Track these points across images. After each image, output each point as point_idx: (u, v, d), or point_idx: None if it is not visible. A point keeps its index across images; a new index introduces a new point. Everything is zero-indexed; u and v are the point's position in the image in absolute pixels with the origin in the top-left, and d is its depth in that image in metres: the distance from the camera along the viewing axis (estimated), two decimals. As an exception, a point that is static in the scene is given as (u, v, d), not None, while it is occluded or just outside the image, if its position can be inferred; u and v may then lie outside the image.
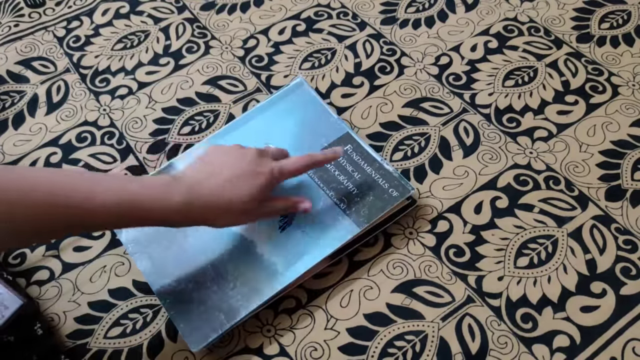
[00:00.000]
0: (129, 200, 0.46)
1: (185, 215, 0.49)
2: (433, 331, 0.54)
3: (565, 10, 0.80)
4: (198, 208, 0.49)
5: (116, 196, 0.45)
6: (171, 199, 0.47)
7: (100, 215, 0.45)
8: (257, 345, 0.54)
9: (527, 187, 0.63)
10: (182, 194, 0.48)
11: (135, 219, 0.48)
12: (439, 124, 0.69)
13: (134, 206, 0.46)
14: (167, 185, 0.48)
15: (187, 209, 0.48)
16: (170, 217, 0.48)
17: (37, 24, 0.82)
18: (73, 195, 0.44)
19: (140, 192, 0.47)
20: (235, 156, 0.53)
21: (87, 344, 0.55)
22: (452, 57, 0.75)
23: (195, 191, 0.49)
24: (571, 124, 0.68)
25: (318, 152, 0.61)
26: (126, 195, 0.46)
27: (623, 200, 0.62)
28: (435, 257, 0.59)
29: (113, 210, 0.46)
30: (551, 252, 0.59)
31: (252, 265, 0.56)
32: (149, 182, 0.48)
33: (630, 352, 0.53)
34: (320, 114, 0.66)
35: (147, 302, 0.57)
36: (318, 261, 0.56)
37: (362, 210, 0.58)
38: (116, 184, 0.46)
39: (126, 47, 0.78)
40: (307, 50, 0.77)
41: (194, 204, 0.48)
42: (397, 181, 0.60)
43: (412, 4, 0.82)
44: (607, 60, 0.74)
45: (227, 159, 0.52)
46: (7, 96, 0.74)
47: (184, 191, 0.48)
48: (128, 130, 0.70)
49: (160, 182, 0.48)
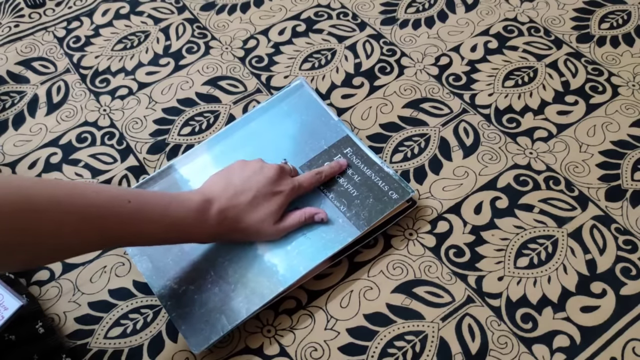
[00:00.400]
0: (172, 223, 0.50)
1: (215, 235, 0.54)
2: (433, 331, 0.54)
3: (565, 10, 0.80)
4: (225, 230, 0.54)
5: (160, 220, 0.49)
6: (206, 223, 0.52)
7: (146, 238, 0.50)
8: (257, 345, 0.54)
9: (527, 187, 0.63)
10: (214, 217, 0.52)
11: (173, 239, 0.53)
12: (439, 124, 0.69)
13: (175, 229, 0.51)
14: (201, 210, 0.52)
15: (217, 231, 0.53)
16: (203, 237, 0.54)
17: (37, 25, 0.82)
18: (122, 223, 0.48)
19: (181, 216, 0.51)
20: (256, 175, 0.56)
21: (87, 344, 0.55)
22: (452, 58, 0.75)
23: (223, 215, 0.53)
24: (571, 124, 0.68)
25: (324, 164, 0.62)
26: (169, 220, 0.50)
27: (623, 200, 0.62)
28: (435, 257, 0.59)
29: (158, 234, 0.50)
30: (551, 253, 0.59)
31: (253, 267, 0.56)
32: (187, 205, 0.51)
33: (630, 352, 0.53)
34: (320, 116, 0.66)
35: (147, 303, 0.57)
36: (318, 263, 0.56)
37: (362, 213, 0.58)
38: (159, 208, 0.50)
39: (126, 47, 0.78)
40: (307, 50, 0.77)
41: (222, 226, 0.53)
42: (397, 184, 0.60)
43: (412, 5, 0.82)
44: (607, 61, 0.74)
45: (249, 179, 0.55)
46: (7, 96, 0.74)
47: (215, 215, 0.52)
48: (128, 131, 0.70)
49: (196, 205, 0.52)
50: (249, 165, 0.57)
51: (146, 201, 0.50)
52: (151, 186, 0.62)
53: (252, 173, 0.56)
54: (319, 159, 0.63)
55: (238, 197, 0.54)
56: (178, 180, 0.63)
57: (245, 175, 0.56)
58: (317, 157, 0.63)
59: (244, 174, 0.56)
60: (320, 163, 0.63)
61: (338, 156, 0.63)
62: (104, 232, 0.47)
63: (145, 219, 0.49)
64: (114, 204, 0.47)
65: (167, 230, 0.50)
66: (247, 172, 0.56)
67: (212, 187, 0.55)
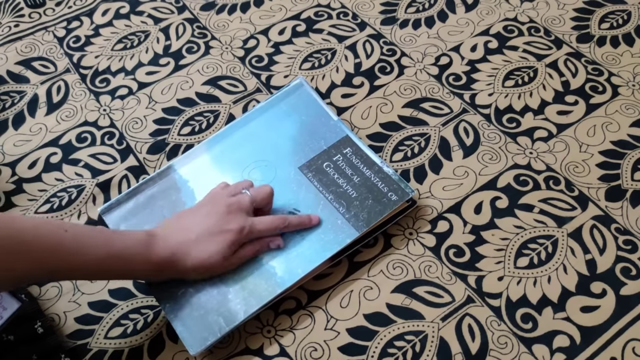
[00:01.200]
0: (116, 255, 0.49)
1: (162, 270, 0.52)
2: (433, 331, 0.54)
3: (565, 10, 0.80)
4: (173, 264, 0.52)
5: (104, 250, 0.48)
6: (151, 256, 0.51)
7: (87, 269, 0.49)
8: (257, 346, 0.54)
9: (527, 187, 0.63)
10: (160, 251, 0.51)
11: (119, 272, 0.51)
12: (439, 124, 0.69)
13: (120, 260, 0.50)
14: (146, 244, 0.51)
15: (164, 266, 0.52)
16: (149, 271, 0.52)
17: (37, 24, 0.82)
18: (62, 251, 0.47)
19: (125, 247, 0.50)
20: (205, 214, 0.55)
21: (87, 344, 0.55)
22: (452, 58, 0.75)
23: (169, 250, 0.52)
24: (571, 124, 0.68)
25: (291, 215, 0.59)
26: (113, 250, 0.49)
27: (623, 200, 0.62)
28: (435, 257, 0.59)
29: (101, 264, 0.49)
30: (551, 252, 0.59)
31: (251, 269, 0.56)
32: (131, 237, 0.51)
33: (630, 352, 0.53)
34: (320, 116, 0.66)
35: (147, 303, 0.57)
36: (317, 265, 0.56)
37: (362, 214, 0.58)
38: (102, 239, 0.49)
39: (126, 47, 0.78)
40: (307, 50, 0.77)
41: (169, 261, 0.52)
42: (397, 184, 0.60)
43: (412, 4, 0.82)
44: (607, 61, 0.74)
45: (201, 218, 0.55)
46: (7, 96, 0.74)
47: (161, 248, 0.51)
48: (128, 131, 0.70)
49: (141, 239, 0.51)
50: (200, 204, 0.57)
51: (86, 233, 0.49)
52: (150, 186, 0.62)
53: (202, 212, 0.55)
54: (318, 159, 0.63)
55: (184, 235, 0.53)
56: (177, 181, 0.63)
57: (194, 215, 0.55)
58: (316, 157, 0.63)
59: (194, 214, 0.55)
60: (319, 163, 0.62)
61: (338, 156, 0.63)
62: (37, 263, 0.45)
63: (84, 246, 0.48)
64: (50, 233, 0.46)
65: (109, 261, 0.49)
66: (196, 211, 0.56)
67: (161, 225, 0.55)
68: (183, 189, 0.62)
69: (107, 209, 0.61)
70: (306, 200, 0.60)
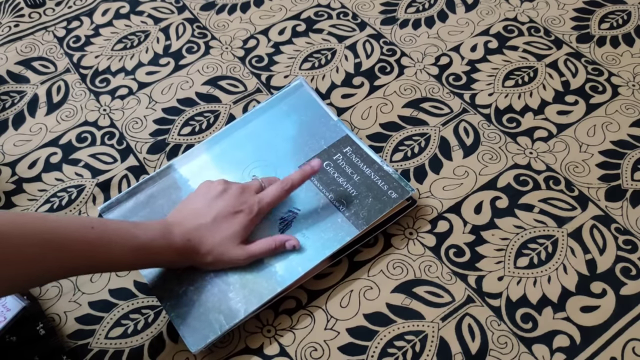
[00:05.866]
0: (140, 246, 0.50)
1: (183, 255, 0.53)
2: (433, 331, 0.54)
3: (565, 10, 0.80)
4: (190, 250, 0.53)
5: (129, 243, 0.50)
6: (172, 243, 0.52)
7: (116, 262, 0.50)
8: (257, 345, 0.54)
9: (527, 187, 0.63)
10: (179, 238, 0.52)
11: (144, 262, 0.53)
12: (439, 124, 0.69)
13: (144, 251, 0.51)
14: (166, 232, 0.52)
15: (183, 251, 0.53)
16: (172, 258, 0.53)
17: (37, 24, 0.82)
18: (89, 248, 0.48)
19: (148, 238, 0.51)
20: (216, 198, 0.56)
21: (88, 344, 0.55)
22: (452, 57, 0.75)
23: (187, 236, 0.53)
24: (571, 124, 0.68)
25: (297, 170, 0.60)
26: (137, 242, 0.50)
27: (623, 200, 0.62)
28: (435, 257, 0.59)
29: (128, 257, 0.50)
30: (551, 252, 0.59)
31: (251, 267, 0.56)
32: (152, 228, 0.52)
33: (630, 352, 0.53)
34: (320, 116, 0.66)
35: (148, 303, 0.57)
36: (317, 263, 0.56)
37: (362, 212, 0.58)
38: (126, 233, 0.50)
39: (126, 47, 0.78)
40: (307, 50, 0.77)
41: (187, 247, 0.53)
42: (397, 183, 0.60)
43: (412, 4, 0.82)
44: (607, 61, 0.74)
45: (209, 201, 0.55)
46: (7, 96, 0.74)
47: (180, 235, 0.53)
48: (128, 131, 0.70)
49: (161, 228, 0.52)
50: (210, 188, 0.57)
51: (109, 227, 0.50)
52: (150, 186, 0.62)
53: (212, 196, 0.56)
54: (318, 158, 0.63)
55: (198, 219, 0.54)
56: (177, 180, 0.63)
57: (206, 198, 0.56)
58: (316, 156, 0.63)
59: (205, 197, 0.56)
60: (320, 163, 0.63)
61: (338, 155, 0.63)
62: (65, 259, 0.46)
63: (111, 243, 0.49)
64: (78, 230, 0.47)
65: (134, 254, 0.50)
66: (208, 195, 0.56)
67: (174, 214, 0.56)
68: (183, 188, 0.62)
69: (107, 208, 0.61)
70: (306, 199, 0.60)
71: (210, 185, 0.57)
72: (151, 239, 0.51)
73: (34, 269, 0.45)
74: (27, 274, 0.45)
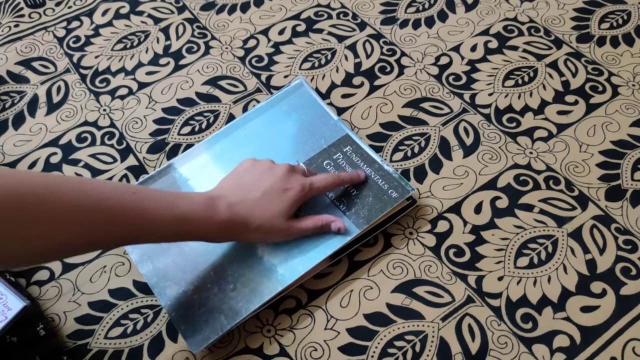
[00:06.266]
0: (180, 217, 0.49)
1: (225, 230, 0.52)
2: (433, 331, 0.54)
3: (565, 10, 0.80)
4: (236, 225, 0.52)
5: (168, 213, 0.48)
6: (215, 217, 0.51)
7: (153, 231, 0.49)
8: (257, 345, 0.54)
9: (527, 187, 0.63)
10: (224, 211, 0.51)
11: (182, 234, 0.51)
12: (439, 124, 0.69)
13: (184, 223, 0.49)
14: (210, 204, 0.51)
15: (227, 226, 0.52)
16: (212, 233, 0.52)
17: (37, 24, 0.82)
18: (128, 213, 0.46)
19: (189, 210, 0.49)
20: (266, 173, 0.55)
21: (87, 344, 0.55)
22: (452, 57, 0.75)
23: (234, 210, 0.52)
24: (571, 124, 0.68)
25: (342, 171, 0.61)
26: (177, 212, 0.49)
27: (623, 200, 0.62)
28: (435, 257, 0.59)
29: (165, 227, 0.49)
30: (551, 252, 0.59)
31: (252, 266, 0.56)
32: (195, 199, 0.51)
33: (630, 352, 0.53)
34: (320, 116, 0.66)
35: (147, 303, 0.57)
36: (318, 262, 0.56)
37: (362, 212, 0.58)
38: (166, 202, 0.49)
39: (126, 47, 0.78)
40: (307, 50, 0.77)
41: (233, 221, 0.52)
42: (397, 182, 0.60)
43: (412, 4, 0.82)
44: (607, 60, 0.74)
45: (259, 176, 0.55)
46: (7, 96, 0.74)
47: (225, 209, 0.51)
48: (128, 131, 0.70)
49: (204, 200, 0.51)
50: (259, 164, 0.57)
51: (151, 194, 0.49)
52: (150, 185, 0.62)
53: (262, 171, 0.56)
54: (318, 157, 0.63)
55: (248, 193, 0.53)
56: (177, 179, 0.63)
57: (255, 172, 0.56)
58: (316, 156, 0.63)
59: (254, 171, 0.56)
60: (319, 162, 0.63)
61: (338, 154, 0.63)
62: (106, 226, 0.46)
63: (151, 210, 0.47)
64: (119, 193, 0.47)
65: (175, 224, 0.49)
66: (256, 170, 0.56)
67: (221, 185, 0.55)
68: (183, 188, 0.62)
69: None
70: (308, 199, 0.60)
71: (257, 161, 0.57)
72: (193, 210, 0.50)
73: (75, 234, 0.44)
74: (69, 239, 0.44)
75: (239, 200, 0.53)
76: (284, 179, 0.55)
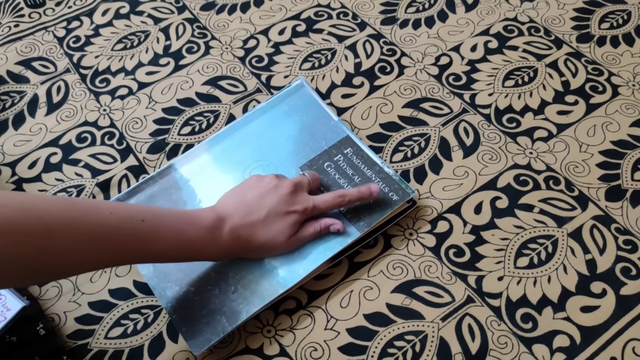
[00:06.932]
0: (185, 244, 0.50)
1: (227, 252, 0.54)
2: (433, 331, 0.54)
3: (565, 10, 0.80)
4: (238, 247, 0.54)
5: (175, 241, 0.50)
6: (218, 242, 0.52)
7: (158, 258, 0.52)
8: (257, 345, 0.54)
9: (527, 187, 0.63)
10: (227, 235, 0.52)
11: (185, 258, 0.53)
12: (439, 124, 0.69)
13: (188, 248, 0.51)
14: (213, 229, 0.52)
15: (229, 248, 0.53)
16: (213, 255, 0.54)
17: (37, 24, 0.82)
18: (139, 245, 0.48)
19: (195, 235, 0.51)
20: (270, 194, 0.55)
21: (88, 344, 0.55)
22: (452, 57, 0.75)
23: (236, 233, 0.53)
24: (571, 124, 0.68)
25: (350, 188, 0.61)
26: (183, 238, 0.50)
27: (623, 200, 0.62)
28: (435, 257, 0.59)
29: (172, 254, 0.51)
30: (551, 252, 0.59)
31: (253, 268, 0.56)
32: (199, 224, 0.51)
33: (630, 352, 0.53)
34: (321, 117, 0.66)
35: (148, 303, 0.57)
36: (318, 264, 0.56)
37: (362, 214, 0.58)
38: (174, 230, 0.50)
39: (126, 47, 0.78)
40: (307, 50, 0.77)
41: (235, 243, 0.53)
42: (397, 185, 0.60)
43: (412, 4, 0.82)
44: (607, 60, 0.74)
45: (263, 197, 0.55)
46: (7, 96, 0.74)
47: (228, 232, 0.52)
48: (128, 131, 0.70)
49: (209, 224, 0.52)
50: (263, 182, 0.56)
51: (160, 221, 0.50)
52: (150, 186, 0.62)
53: (265, 191, 0.55)
54: (319, 159, 0.63)
55: (251, 215, 0.53)
56: (178, 180, 0.63)
57: (258, 192, 0.55)
58: (317, 157, 0.63)
59: (258, 191, 0.55)
60: (320, 163, 0.63)
61: (339, 156, 0.63)
62: (117, 252, 0.47)
63: (159, 238, 0.49)
64: (128, 224, 0.47)
65: (180, 250, 0.50)
66: (260, 189, 0.55)
67: (225, 203, 0.55)
68: (184, 188, 0.62)
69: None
70: None
71: (262, 179, 0.57)
72: (199, 236, 0.51)
73: (82, 260, 0.46)
74: (76, 263, 0.46)
75: (241, 221, 0.53)
76: (288, 200, 0.55)
